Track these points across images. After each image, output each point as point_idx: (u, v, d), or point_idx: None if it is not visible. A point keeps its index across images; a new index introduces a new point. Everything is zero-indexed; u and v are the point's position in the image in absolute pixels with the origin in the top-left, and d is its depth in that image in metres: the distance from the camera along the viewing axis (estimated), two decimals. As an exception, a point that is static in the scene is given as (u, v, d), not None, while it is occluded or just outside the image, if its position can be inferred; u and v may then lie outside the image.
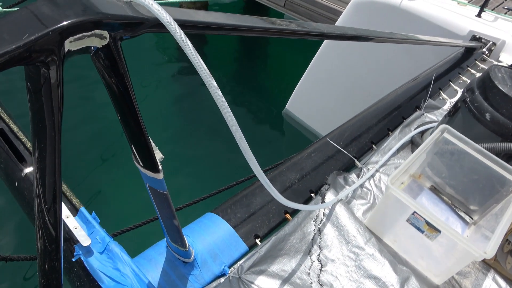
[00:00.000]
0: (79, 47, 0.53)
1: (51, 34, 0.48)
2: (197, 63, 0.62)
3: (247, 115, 5.30)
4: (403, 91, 2.19)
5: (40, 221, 0.71)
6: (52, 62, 0.50)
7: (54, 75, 0.52)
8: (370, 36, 1.61)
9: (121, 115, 0.70)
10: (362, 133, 1.80)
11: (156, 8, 0.59)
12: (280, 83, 5.93)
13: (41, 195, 0.68)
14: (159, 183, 0.86)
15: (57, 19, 0.49)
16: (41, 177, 0.65)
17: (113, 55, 0.58)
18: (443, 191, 1.60)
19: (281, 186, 1.46)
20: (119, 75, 0.62)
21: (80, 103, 4.65)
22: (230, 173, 2.42)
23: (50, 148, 0.61)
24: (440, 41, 2.48)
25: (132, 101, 0.67)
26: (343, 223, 1.35)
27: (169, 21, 0.59)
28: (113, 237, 1.19)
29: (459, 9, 3.41)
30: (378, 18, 3.53)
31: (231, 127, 0.72)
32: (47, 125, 0.58)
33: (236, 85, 5.91)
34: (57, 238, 0.75)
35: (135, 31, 0.60)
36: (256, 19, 1.03)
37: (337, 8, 5.06)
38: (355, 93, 3.89)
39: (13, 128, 1.44)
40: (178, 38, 0.59)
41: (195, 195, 1.69)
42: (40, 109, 0.56)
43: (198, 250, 1.19)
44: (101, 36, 0.54)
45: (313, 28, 1.22)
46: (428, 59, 2.89)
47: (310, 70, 4.24)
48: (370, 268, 1.25)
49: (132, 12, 0.60)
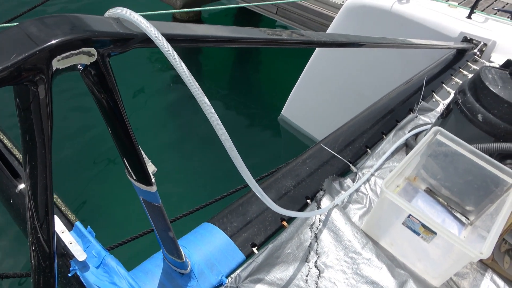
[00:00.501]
0: (67, 65, 0.53)
1: (38, 53, 0.48)
2: (185, 76, 0.63)
3: (243, 121, 5.32)
4: (396, 94, 2.20)
5: (33, 238, 0.71)
6: (41, 81, 0.51)
7: (43, 93, 0.53)
8: (361, 42, 1.62)
9: (112, 130, 0.71)
10: (356, 137, 1.81)
11: (144, 24, 0.60)
12: (275, 89, 5.95)
13: (34, 212, 0.68)
14: (152, 196, 0.86)
15: (44, 39, 0.50)
16: (33, 194, 0.65)
17: (101, 71, 0.59)
18: (439, 192, 1.61)
19: (277, 194, 1.46)
20: (108, 90, 0.62)
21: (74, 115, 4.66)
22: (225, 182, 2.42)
23: (41, 165, 0.61)
24: (432, 43, 2.50)
25: (122, 116, 0.67)
26: (340, 228, 1.35)
27: (157, 36, 0.60)
28: (109, 251, 1.19)
29: (449, 11, 3.44)
30: (370, 22, 3.56)
31: (222, 138, 0.72)
32: (37, 143, 0.58)
33: (231, 93, 5.94)
34: (51, 254, 0.75)
35: (123, 47, 0.61)
36: (246, 30, 1.04)
37: (329, 14, 5.11)
38: (349, 97, 3.91)
39: (7, 144, 1.44)
40: (167, 52, 0.60)
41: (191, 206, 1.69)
42: (30, 127, 0.56)
43: (195, 261, 1.19)
44: (89, 53, 0.55)
45: (303, 37, 1.23)
46: (421, 61, 2.92)
47: (305, 75, 4.26)
48: (368, 273, 1.25)
49: (120, 28, 0.61)
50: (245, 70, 6.59)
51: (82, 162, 4.23)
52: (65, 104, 4.69)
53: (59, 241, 1.13)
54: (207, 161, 4.45)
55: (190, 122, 5.01)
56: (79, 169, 4.14)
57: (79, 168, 4.15)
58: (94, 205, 3.82)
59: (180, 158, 4.54)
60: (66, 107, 4.69)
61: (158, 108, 5.30)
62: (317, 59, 4.09)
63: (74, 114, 4.68)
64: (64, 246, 1.13)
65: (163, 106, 5.39)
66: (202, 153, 4.57)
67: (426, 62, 2.75)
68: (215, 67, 6.42)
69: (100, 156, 4.26)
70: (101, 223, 3.53)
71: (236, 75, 6.51)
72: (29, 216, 0.69)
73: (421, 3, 3.52)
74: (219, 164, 4.01)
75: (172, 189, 4.01)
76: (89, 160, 4.26)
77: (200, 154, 4.57)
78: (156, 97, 5.52)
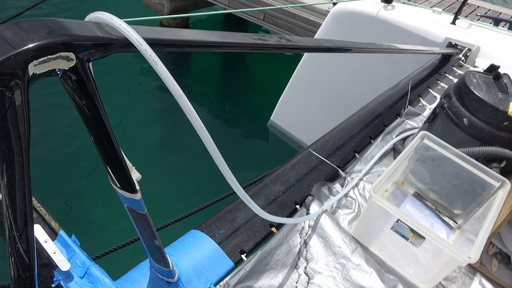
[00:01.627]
0: (44, 70, 0.51)
1: (13, 58, 0.47)
2: (168, 81, 0.61)
3: (232, 127, 5.31)
4: (383, 99, 2.22)
5: (12, 249, 0.69)
6: (16, 86, 0.49)
7: (19, 99, 0.51)
8: (347, 47, 1.63)
9: (94, 137, 0.69)
10: (344, 142, 1.81)
11: (125, 28, 0.59)
12: (264, 95, 5.97)
13: (12, 222, 0.65)
14: (137, 204, 0.84)
15: (19, 43, 0.48)
16: (11, 204, 0.63)
17: (81, 77, 0.57)
18: (427, 196, 1.62)
19: (265, 199, 1.45)
20: (89, 96, 0.61)
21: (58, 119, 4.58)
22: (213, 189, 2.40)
23: (18, 174, 0.59)
24: (418, 49, 2.53)
25: (104, 123, 0.65)
26: (329, 234, 1.35)
27: (138, 41, 0.59)
28: (94, 260, 1.16)
29: (434, 17, 3.49)
30: (357, 28, 3.60)
31: (207, 145, 0.71)
32: (14, 150, 0.56)
33: (220, 98, 5.92)
34: (31, 265, 0.73)
35: (104, 51, 0.59)
36: (233, 35, 1.03)
37: (316, 20, 5.14)
38: (337, 102, 3.94)
39: None
40: (148, 57, 0.59)
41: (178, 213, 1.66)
42: (6, 134, 0.54)
43: (183, 269, 1.17)
44: (67, 58, 0.53)
45: (289, 42, 1.23)
46: (407, 66, 2.95)
47: (293, 81, 4.28)
48: (357, 279, 1.25)
49: (100, 32, 0.59)
50: (234, 76, 6.60)
51: (67, 169, 4.15)
52: (48, 108, 4.62)
53: (42, 251, 1.10)
54: (194, 167, 4.42)
55: (177, 128, 4.98)
56: (64, 176, 4.07)
57: (64, 175, 4.08)
58: (79, 213, 3.75)
59: (166, 164, 4.49)
60: (49, 111, 4.62)
61: (144, 114, 5.25)
62: (305, 65, 4.11)
63: (59, 118, 4.60)
64: (48, 256, 1.10)
65: (148, 111, 5.35)
66: (189, 159, 4.53)
67: (412, 67, 2.78)
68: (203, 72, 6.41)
69: (85, 163, 4.20)
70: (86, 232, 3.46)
71: (225, 80, 6.51)
72: (7, 226, 0.67)
73: (406, 9, 3.57)
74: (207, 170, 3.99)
75: (159, 196, 3.97)
76: (74, 167, 4.19)
77: (187, 160, 4.54)
78: (141, 102, 5.47)
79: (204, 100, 5.64)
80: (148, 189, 0.83)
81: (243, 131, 5.30)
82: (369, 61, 3.61)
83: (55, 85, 0.81)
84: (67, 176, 4.08)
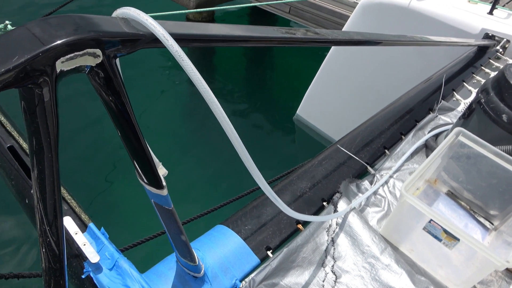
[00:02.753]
0: (71, 66, 0.51)
1: (41, 55, 0.47)
2: (194, 76, 0.60)
3: (258, 121, 5.29)
4: (415, 93, 2.14)
5: (43, 241, 0.71)
6: (45, 83, 0.49)
7: (48, 96, 0.51)
8: (377, 40, 1.58)
9: (121, 133, 0.69)
10: (374, 138, 1.76)
11: (152, 24, 0.58)
12: (290, 88, 5.90)
13: (43, 215, 0.67)
14: (164, 199, 0.84)
15: (47, 40, 0.48)
16: (41, 198, 0.64)
17: (108, 73, 0.57)
18: (461, 196, 1.55)
19: (292, 196, 1.43)
20: (116, 93, 0.60)
21: (91, 114, 4.69)
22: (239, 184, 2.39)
23: (48, 169, 0.59)
24: (452, 41, 2.42)
25: (131, 118, 0.65)
26: (357, 232, 1.31)
27: (165, 36, 0.58)
28: (122, 252, 1.18)
29: (470, 7, 3.34)
30: (387, 20, 3.48)
31: (232, 141, 0.70)
32: (44, 146, 0.57)
33: (245, 92, 5.91)
34: (61, 257, 0.74)
35: (130, 47, 0.59)
36: (260, 29, 1.01)
37: (343, 12, 5.02)
38: (366, 96, 3.84)
39: (23, 145, 1.44)
40: (175, 53, 0.58)
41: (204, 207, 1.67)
42: (36, 130, 0.55)
43: (209, 264, 1.17)
44: (94, 54, 0.53)
45: (318, 36, 1.20)
46: (440, 59, 2.83)
47: (320, 74, 4.20)
48: (387, 279, 1.21)
49: (127, 28, 0.59)
50: (259, 69, 6.56)
51: (97, 163, 4.26)
52: (85, 104, 4.72)
53: (73, 242, 1.13)
54: (221, 161, 4.43)
55: (203, 123, 5.00)
56: (94, 170, 4.18)
57: (94, 169, 4.19)
58: (107, 206, 3.85)
59: (191, 158, 4.53)
60: (86, 107, 4.72)
61: (170, 109, 5.29)
62: (333, 58, 4.03)
63: (89, 112, 4.70)
64: (78, 247, 1.13)
65: (174, 107, 5.39)
66: (215, 154, 4.55)
67: (445, 60, 2.67)
68: (229, 66, 6.40)
69: (115, 157, 4.29)
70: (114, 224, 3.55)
71: (250, 74, 6.49)
72: (38, 219, 0.68)
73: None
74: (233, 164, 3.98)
75: (184, 191, 4.01)
76: (104, 161, 4.29)
77: (214, 155, 4.55)
78: (167, 97, 5.53)
79: (228, 95, 5.64)
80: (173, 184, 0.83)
81: (268, 125, 5.27)
82: (399, 54, 3.50)
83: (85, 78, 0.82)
84: (97, 170, 4.19)
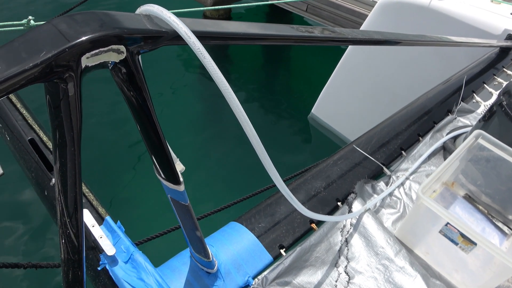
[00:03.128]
0: (96, 62, 0.52)
1: (67, 51, 0.48)
2: (215, 74, 0.61)
3: (272, 120, 5.28)
4: (433, 94, 2.10)
5: (63, 233, 0.72)
6: (70, 78, 0.50)
7: (72, 90, 0.52)
8: (397, 40, 1.55)
9: (141, 128, 0.70)
10: (390, 139, 1.74)
11: (174, 21, 0.58)
12: (305, 87, 5.87)
13: (63, 208, 0.68)
14: (180, 195, 0.85)
15: (74, 36, 0.49)
16: (62, 191, 0.66)
17: (131, 69, 0.58)
18: (479, 199, 1.52)
19: (306, 195, 1.42)
20: (138, 88, 0.61)
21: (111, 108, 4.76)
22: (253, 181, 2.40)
23: (70, 163, 0.61)
24: (473, 41, 2.37)
25: (151, 114, 0.66)
26: (371, 233, 1.30)
27: (187, 34, 0.58)
28: (137, 245, 1.20)
29: (493, 7, 3.26)
30: (406, 19, 3.43)
31: (251, 138, 0.70)
32: (67, 140, 0.58)
33: (260, 90, 5.90)
34: (80, 249, 0.76)
35: (153, 44, 0.59)
36: (277, 27, 1.01)
37: (362, 11, 4.96)
38: (383, 96, 3.80)
39: (43, 138, 1.48)
40: (196, 50, 0.58)
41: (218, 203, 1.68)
42: (60, 124, 0.56)
43: (222, 261, 1.17)
44: (118, 51, 0.54)
45: (337, 34, 1.19)
46: (460, 60, 2.78)
47: (337, 73, 4.17)
48: (401, 282, 1.20)
49: (150, 25, 0.60)
50: (274, 67, 6.54)
51: (114, 157, 4.33)
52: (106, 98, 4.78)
53: (90, 235, 1.15)
54: (235, 159, 4.45)
55: (219, 120, 5.02)
56: (111, 164, 4.24)
57: (111, 163, 4.25)
58: (123, 200, 3.91)
59: (208, 156, 4.56)
60: (106, 101, 4.78)
61: (187, 106, 5.33)
62: (350, 57, 3.99)
63: (114, 107, 4.77)
64: (94, 239, 1.15)
65: (191, 104, 5.43)
66: (230, 152, 4.56)
67: (465, 61, 2.61)
68: (243, 64, 6.40)
69: (131, 151, 4.35)
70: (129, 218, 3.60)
71: (265, 72, 6.47)
72: (59, 211, 0.69)
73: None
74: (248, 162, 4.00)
75: (199, 187, 4.04)
76: (121, 155, 4.35)
77: (229, 152, 4.57)
78: (184, 94, 5.57)
79: (243, 92, 5.64)
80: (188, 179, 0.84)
81: (282, 124, 5.25)
82: (418, 54, 3.44)
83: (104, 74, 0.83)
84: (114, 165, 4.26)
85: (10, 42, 0.48)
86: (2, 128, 1.60)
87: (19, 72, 0.45)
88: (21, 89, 0.48)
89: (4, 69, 0.45)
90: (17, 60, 0.46)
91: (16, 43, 0.48)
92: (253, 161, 0.77)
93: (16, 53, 0.47)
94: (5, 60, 0.46)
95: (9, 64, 0.46)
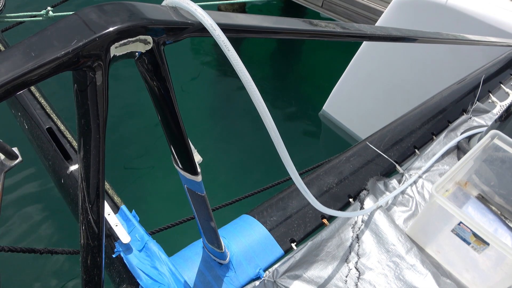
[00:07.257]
0: (124, 52, 0.54)
1: (97, 40, 0.49)
2: (238, 67, 0.62)
3: (283, 116, 5.27)
4: (448, 93, 2.08)
5: (84, 219, 0.74)
6: (98, 67, 0.52)
7: (100, 79, 0.54)
8: (414, 37, 1.54)
9: (162, 118, 0.71)
10: (404, 137, 1.73)
11: (200, 13, 0.59)
12: (317, 84, 5.84)
13: (85, 194, 0.70)
14: (197, 186, 0.87)
15: (103, 26, 0.50)
16: (85, 177, 0.67)
17: (156, 59, 0.59)
18: (492, 200, 1.51)
19: (318, 190, 1.43)
20: (161, 78, 0.63)
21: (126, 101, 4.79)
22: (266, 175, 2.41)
23: (94, 150, 0.62)
24: (490, 40, 2.34)
25: (173, 104, 0.67)
26: (383, 230, 1.31)
27: (212, 26, 0.59)
28: (151, 235, 1.22)
29: (511, 5, 3.20)
30: (423, 17, 3.39)
31: (270, 132, 0.71)
32: (92, 127, 0.59)
33: (272, 86, 5.89)
34: (99, 235, 0.78)
35: (178, 35, 0.60)
36: (295, 21, 1.01)
37: (377, 8, 4.91)
38: (396, 94, 3.76)
39: (61, 127, 1.50)
40: (221, 43, 0.59)
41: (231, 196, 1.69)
42: (86, 112, 0.58)
43: (234, 252, 1.19)
44: (145, 41, 0.55)
45: (355, 29, 1.18)
46: (476, 59, 2.74)
47: (350, 70, 4.14)
48: (411, 279, 1.20)
49: (176, 17, 0.61)
50: (286, 63, 6.50)
51: (129, 147, 4.37)
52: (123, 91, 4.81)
53: (105, 223, 1.17)
54: (250, 152, 4.46)
55: (236, 113, 5.03)
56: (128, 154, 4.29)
57: (128, 153, 4.30)
58: (138, 190, 3.95)
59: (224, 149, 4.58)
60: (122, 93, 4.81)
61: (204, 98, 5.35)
62: (364, 53, 3.95)
63: (130, 99, 4.80)
64: (110, 228, 1.17)
65: (209, 96, 5.44)
66: (245, 145, 4.58)
67: (482, 60, 2.58)
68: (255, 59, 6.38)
69: (148, 143, 4.39)
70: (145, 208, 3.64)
71: (277, 67, 6.45)
72: (80, 198, 0.71)
73: None
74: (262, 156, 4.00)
75: (213, 179, 4.07)
76: (137, 145, 4.39)
77: (244, 146, 4.58)
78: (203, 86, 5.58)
79: (255, 85, 5.63)
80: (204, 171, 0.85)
81: (293, 120, 5.24)
82: (433, 52, 3.40)
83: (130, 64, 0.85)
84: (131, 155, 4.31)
85: (43, 31, 0.49)
86: (21, 116, 1.63)
87: (51, 59, 0.47)
88: None
89: (37, 55, 0.46)
90: (49, 48, 0.47)
91: (48, 31, 0.49)
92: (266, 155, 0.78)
93: (49, 41, 0.48)
94: (38, 47, 0.47)
95: (42, 51, 0.47)
